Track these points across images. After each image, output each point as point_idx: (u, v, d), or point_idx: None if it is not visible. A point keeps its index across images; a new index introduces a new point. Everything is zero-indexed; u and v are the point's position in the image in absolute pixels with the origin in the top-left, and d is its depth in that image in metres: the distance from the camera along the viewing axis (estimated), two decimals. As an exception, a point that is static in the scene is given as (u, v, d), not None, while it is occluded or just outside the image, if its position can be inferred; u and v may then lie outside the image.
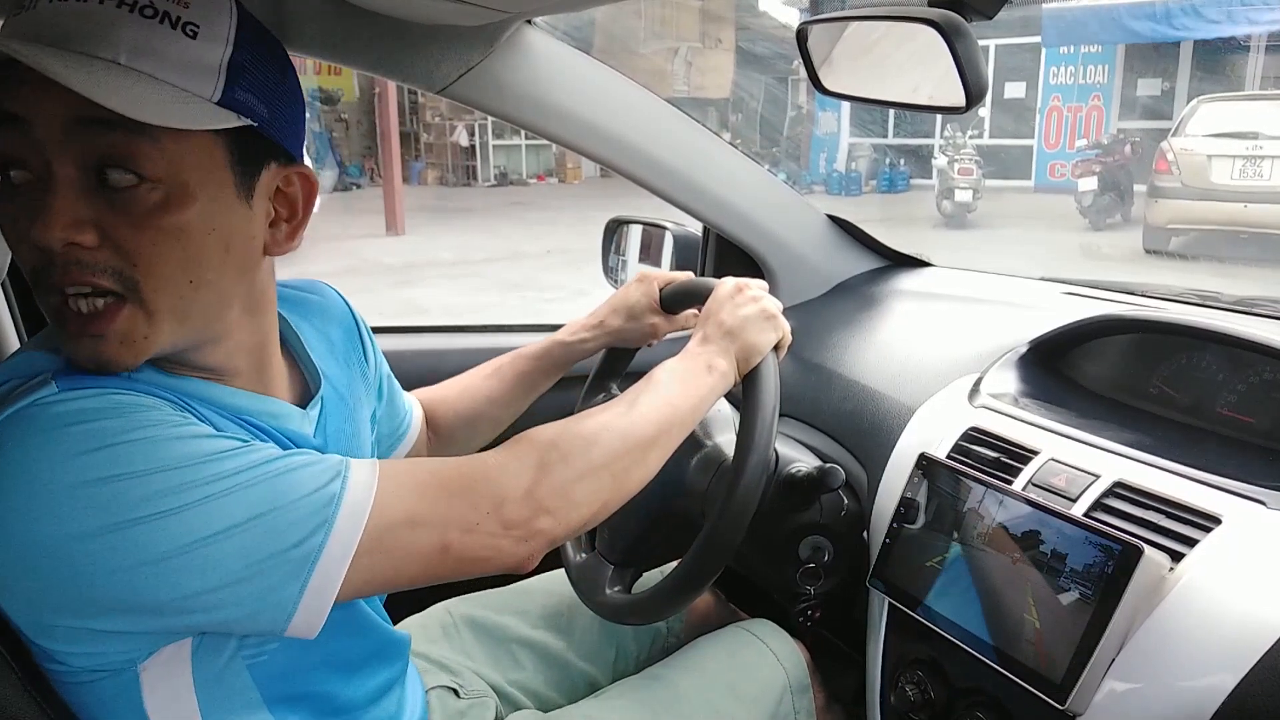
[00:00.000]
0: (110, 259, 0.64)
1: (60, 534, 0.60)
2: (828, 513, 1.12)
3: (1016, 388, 1.14)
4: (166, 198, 0.65)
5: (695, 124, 1.48)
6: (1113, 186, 10.29)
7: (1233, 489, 0.85)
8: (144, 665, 0.68)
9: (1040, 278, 1.51)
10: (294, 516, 0.64)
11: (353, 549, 0.65)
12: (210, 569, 0.62)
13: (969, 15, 0.82)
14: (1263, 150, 8.32)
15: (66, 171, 0.63)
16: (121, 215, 0.64)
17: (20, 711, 0.68)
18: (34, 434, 0.61)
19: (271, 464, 0.65)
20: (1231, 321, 1.06)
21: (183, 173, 0.65)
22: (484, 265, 9.16)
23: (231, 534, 0.62)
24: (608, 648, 1.23)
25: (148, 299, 0.66)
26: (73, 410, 0.62)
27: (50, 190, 0.63)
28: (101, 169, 0.63)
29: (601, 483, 0.79)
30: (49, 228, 0.62)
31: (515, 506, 0.73)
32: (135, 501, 0.60)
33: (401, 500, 0.69)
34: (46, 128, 0.62)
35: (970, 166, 10.95)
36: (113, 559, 0.60)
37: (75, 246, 0.63)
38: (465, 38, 1.23)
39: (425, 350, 1.64)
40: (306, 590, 0.64)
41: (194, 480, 0.62)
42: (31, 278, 0.65)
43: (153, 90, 0.63)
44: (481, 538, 0.71)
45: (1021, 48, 13.01)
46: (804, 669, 1.17)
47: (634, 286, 1.16)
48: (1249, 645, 0.74)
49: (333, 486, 0.66)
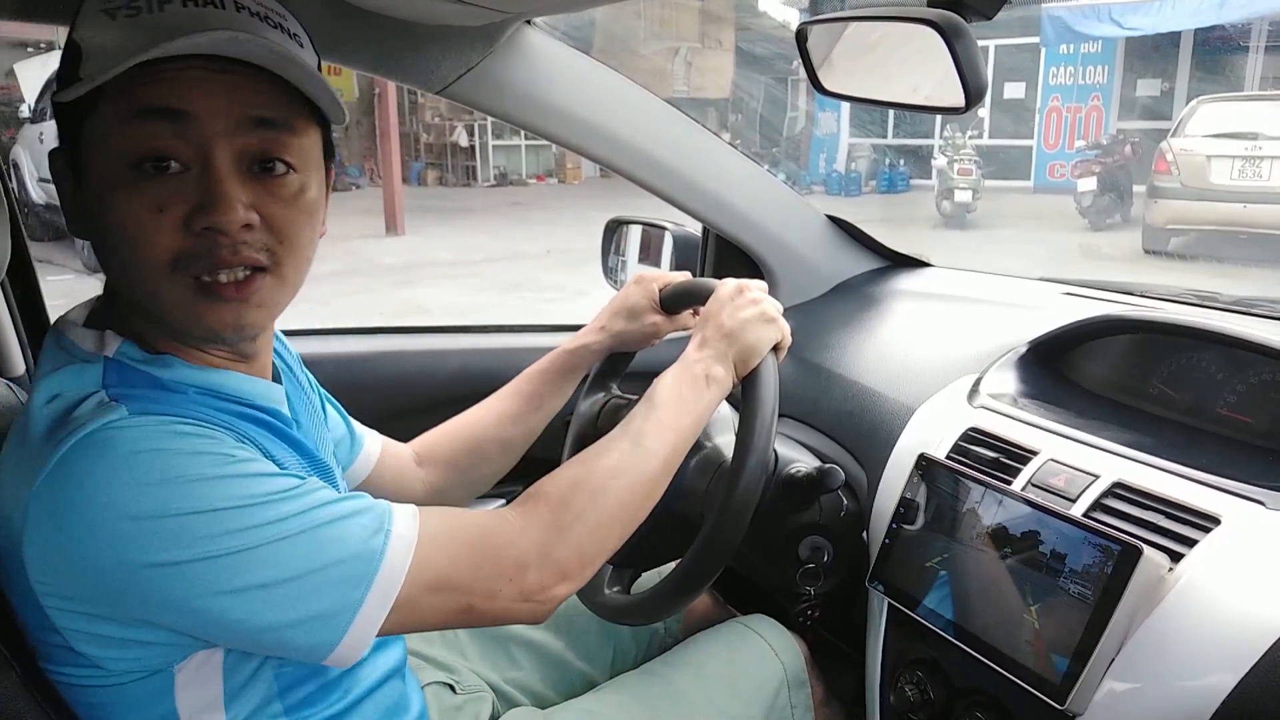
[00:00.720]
0: (264, 237, 0.72)
1: (121, 559, 0.64)
2: (827, 513, 1.12)
3: (1016, 388, 1.14)
4: (302, 184, 0.74)
5: (695, 124, 1.48)
6: (1112, 187, 10.29)
7: (1232, 489, 0.86)
8: (180, 667, 0.72)
9: (1040, 278, 1.51)
10: (339, 574, 0.69)
11: (389, 605, 0.70)
12: (259, 612, 0.67)
13: (968, 15, 0.82)
14: (1262, 150, 8.32)
15: (226, 162, 0.69)
16: (274, 198, 0.72)
17: (20, 712, 0.68)
18: (106, 460, 0.65)
19: (323, 509, 0.70)
20: (1231, 322, 1.06)
21: (309, 161, 0.75)
22: (483, 265, 9.16)
23: (281, 585, 0.67)
24: (606, 648, 1.23)
25: (284, 269, 0.74)
26: (143, 440, 0.66)
27: (217, 179, 0.68)
28: (257, 159, 0.71)
29: (614, 532, 0.84)
30: (230, 210, 0.68)
31: (535, 574, 0.77)
32: (197, 539, 0.64)
33: (434, 561, 0.73)
34: (212, 124, 0.68)
35: (970, 167, 10.95)
36: (169, 589, 0.65)
37: (246, 228, 0.70)
38: (465, 38, 1.23)
39: (425, 350, 1.64)
40: (345, 637, 0.70)
41: (253, 523, 0.66)
42: (172, 262, 0.69)
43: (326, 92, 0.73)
44: (502, 604, 0.77)
45: (1021, 48, 13.02)
46: (801, 663, 1.17)
47: (633, 289, 1.17)
48: (1249, 645, 0.74)
49: (376, 541, 0.71)
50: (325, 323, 1.68)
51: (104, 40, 0.68)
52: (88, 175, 0.71)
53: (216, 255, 0.69)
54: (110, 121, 0.68)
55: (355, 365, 1.58)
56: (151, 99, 0.67)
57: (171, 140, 0.68)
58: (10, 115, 12.67)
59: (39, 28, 12.31)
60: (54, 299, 1.55)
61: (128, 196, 0.68)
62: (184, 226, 0.69)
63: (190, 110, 0.68)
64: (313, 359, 1.51)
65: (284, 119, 0.72)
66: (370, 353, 1.60)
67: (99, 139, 0.69)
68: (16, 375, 1.38)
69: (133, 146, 0.68)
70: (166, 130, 0.68)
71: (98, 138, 0.69)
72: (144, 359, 0.74)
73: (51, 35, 12.80)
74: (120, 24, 0.68)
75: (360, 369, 1.57)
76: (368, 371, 1.58)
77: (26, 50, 12.66)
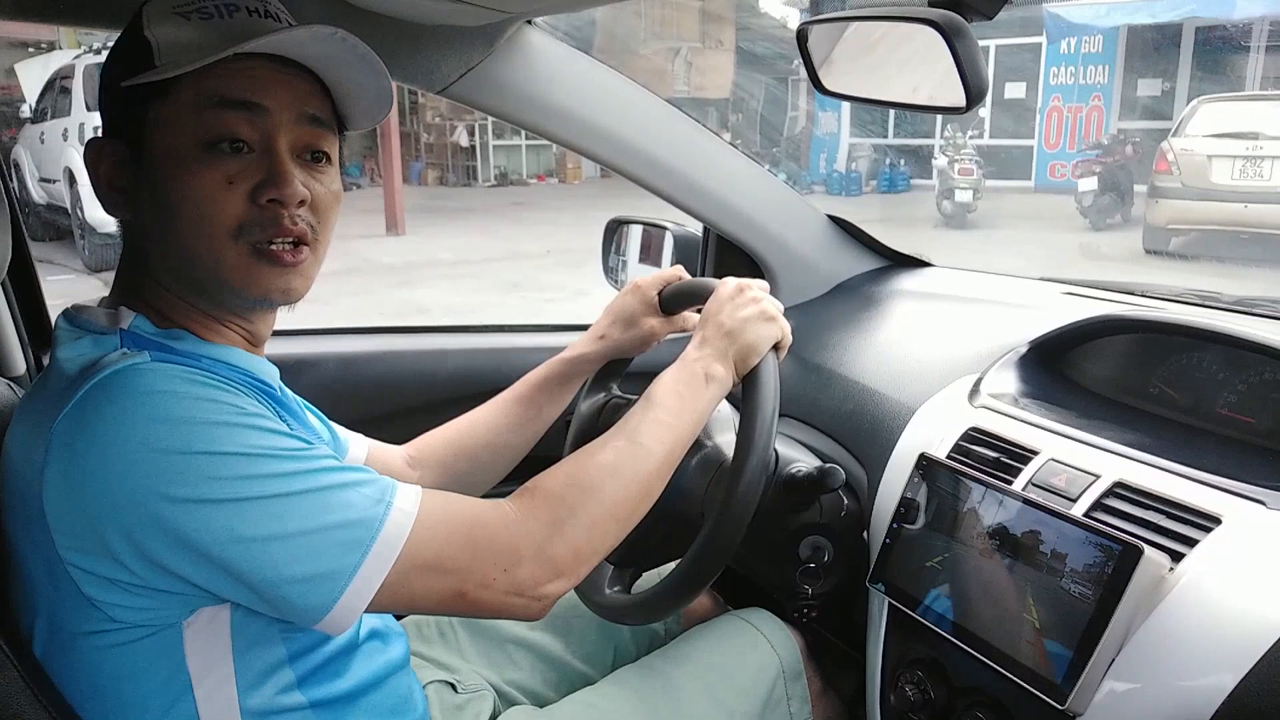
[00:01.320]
0: (309, 214, 0.82)
1: (133, 490, 0.68)
2: (828, 513, 1.12)
3: (1016, 388, 1.14)
4: (334, 174, 0.86)
5: (695, 124, 1.48)
6: (1113, 187, 10.28)
7: (1233, 489, 0.85)
8: (188, 622, 0.74)
9: (1040, 278, 1.51)
10: (340, 537, 0.72)
11: (385, 573, 0.73)
12: (259, 564, 0.70)
13: (969, 15, 0.82)
14: (1263, 150, 8.31)
15: (286, 148, 0.80)
16: (318, 182, 0.83)
17: (20, 708, 0.68)
18: (127, 395, 0.70)
19: (329, 474, 0.74)
20: (1231, 321, 1.06)
21: (337, 158, 0.87)
22: (484, 265, 9.16)
23: (283, 540, 0.70)
24: (605, 648, 1.23)
25: (319, 245, 0.84)
26: (163, 381, 0.71)
27: (280, 160, 0.79)
28: (307, 148, 0.82)
29: (610, 530, 0.85)
30: (291, 186, 0.79)
31: (529, 568, 0.79)
32: (205, 479, 0.69)
33: (431, 540, 0.76)
34: (278, 116, 0.79)
35: (970, 167, 10.94)
36: (175, 525, 0.68)
37: (300, 204, 0.80)
38: (465, 38, 1.23)
39: (425, 350, 1.64)
40: (341, 599, 0.72)
41: (261, 473, 0.70)
42: (236, 229, 0.78)
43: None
44: (496, 594, 0.78)
45: (1021, 48, 13.02)
46: (798, 655, 1.17)
47: (628, 295, 1.18)
48: (1249, 645, 0.74)
49: (377, 510, 0.74)
50: (324, 323, 1.68)
51: (180, 37, 0.78)
52: (152, 153, 0.79)
53: (278, 224, 0.79)
54: (187, 107, 0.77)
55: (355, 365, 1.58)
56: (234, 91, 0.77)
57: (246, 126, 0.78)
58: (11, 115, 12.67)
59: (39, 27, 12.31)
60: (54, 299, 1.55)
61: (200, 172, 0.77)
62: (249, 199, 0.78)
63: (264, 104, 0.79)
64: (313, 359, 1.51)
65: (328, 119, 0.84)
66: (370, 352, 1.60)
67: (171, 120, 0.78)
68: (16, 375, 1.38)
69: (210, 129, 0.77)
70: (243, 118, 0.78)
71: (170, 118, 0.78)
72: (156, 332, 0.80)
73: (53, 35, 12.82)
74: (195, 25, 0.79)
75: (360, 369, 1.58)
76: (368, 371, 1.58)
77: (27, 50, 12.67)
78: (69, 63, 9.48)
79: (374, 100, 0.86)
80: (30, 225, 8.79)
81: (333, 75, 0.83)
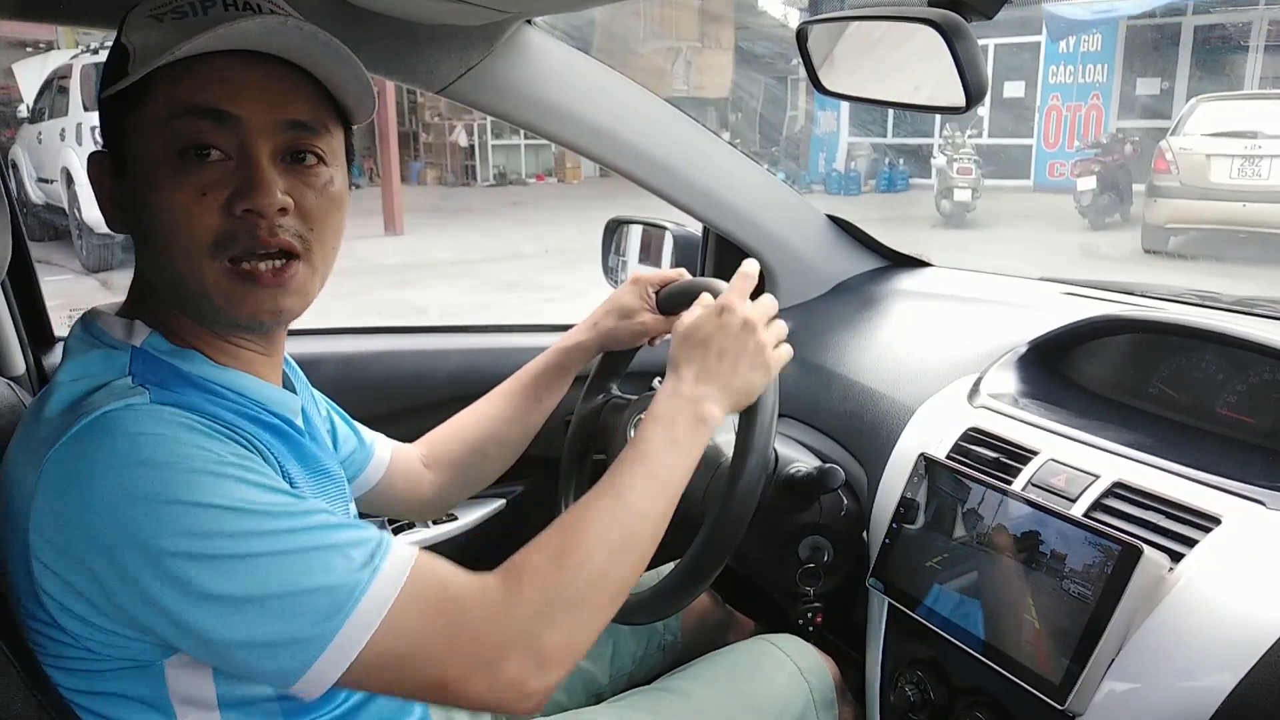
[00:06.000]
0: (296, 223, 0.76)
1: (108, 535, 0.65)
2: (827, 513, 1.12)
3: (1016, 388, 1.14)
4: (331, 175, 0.79)
5: (695, 124, 1.48)
6: (1112, 186, 10.28)
7: (1232, 489, 0.86)
8: (169, 661, 0.71)
9: (1040, 278, 1.51)
10: (318, 601, 0.67)
11: (363, 642, 0.67)
12: (231, 625, 0.66)
13: (969, 15, 0.82)
14: (1261, 149, 8.32)
15: (264, 153, 0.74)
16: (306, 186, 0.77)
17: (20, 711, 0.68)
18: (113, 438, 0.67)
19: (314, 534, 0.69)
20: (1231, 321, 1.06)
21: (337, 156, 0.80)
22: (483, 265, 9.15)
23: (261, 602, 0.66)
24: (605, 646, 1.22)
25: (314, 256, 0.78)
26: (153, 424, 0.68)
27: (256, 166, 0.73)
28: (290, 151, 0.76)
29: (604, 608, 0.77)
30: (268, 194, 0.73)
31: (516, 665, 0.71)
32: (183, 532, 0.65)
33: (408, 624, 0.69)
34: (255, 120, 0.74)
35: (969, 166, 10.94)
36: (148, 578, 0.65)
37: (282, 212, 0.74)
38: (465, 38, 1.23)
39: (425, 350, 1.64)
40: (315, 665, 0.67)
41: (243, 530, 0.66)
42: (213, 244, 0.73)
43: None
44: (478, 691, 0.71)
45: (1021, 47, 13.02)
46: (830, 684, 1.15)
47: (626, 288, 1.18)
48: (1249, 645, 0.74)
49: (362, 575, 0.68)
50: (319, 324, 1.67)
51: (152, 40, 0.73)
52: (132, 165, 0.75)
53: (255, 236, 0.73)
54: (159, 114, 0.73)
55: (355, 365, 1.58)
56: (202, 99, 0.72)
57: (217, 133, 0.73)
58: (9, 115, 12.66)
59: (38, 27, 12.30)
60: (53, 299, 1.55)
61: (174, 182, 0.73)
62: (225, 210, 0.73)
63: (233, 109, 0.73)
64: (313, 359, 1.51)
65: (315, 121, 0.77)
66: (370, 352, 1.61)
67: (146, 129, 0.73)
68: (16, 375, 1.38)
69: (180, 137, 0.72)
70: (220, 127, 0.73)
71: (145, 128, 0.73)
72: (169, 351, 0.77)
73: (51, 35, 12.82)
74: (168, 25, 0.73)
75: (360, 369, 1.58)
76: (368, 371, 1.58)
77: (25, 50, 12.65)
78: (66, 62, 9.47)
79: (357, 89, 0.79)
80: (28, 225, 8.70)
81: (313, 68, 0.76)
